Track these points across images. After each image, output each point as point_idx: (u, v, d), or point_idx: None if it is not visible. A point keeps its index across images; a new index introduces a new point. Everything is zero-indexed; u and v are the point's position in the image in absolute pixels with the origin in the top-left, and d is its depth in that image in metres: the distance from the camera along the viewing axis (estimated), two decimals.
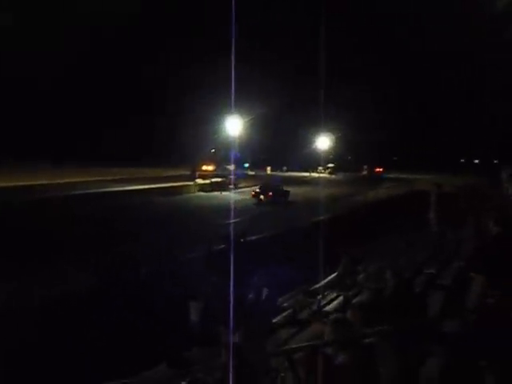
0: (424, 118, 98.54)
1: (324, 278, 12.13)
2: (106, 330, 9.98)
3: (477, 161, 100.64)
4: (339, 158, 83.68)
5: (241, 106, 46.29)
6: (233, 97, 35.84)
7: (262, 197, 37.48)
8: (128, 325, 10.16)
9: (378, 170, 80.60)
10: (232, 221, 19.40)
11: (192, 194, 41.94)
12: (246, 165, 73.11)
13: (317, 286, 11.63)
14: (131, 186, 39.62)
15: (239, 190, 45.95)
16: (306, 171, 73.68)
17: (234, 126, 46.01)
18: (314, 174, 69.93)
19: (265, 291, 9.40)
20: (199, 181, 45.72)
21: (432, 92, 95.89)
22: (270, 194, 37.62)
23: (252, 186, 48.30)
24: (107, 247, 15.81)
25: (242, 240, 14.96)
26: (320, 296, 10.49)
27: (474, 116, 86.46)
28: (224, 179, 47.03)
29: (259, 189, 38.91)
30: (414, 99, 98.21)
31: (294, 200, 38.06)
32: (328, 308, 9.77)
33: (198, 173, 48.23)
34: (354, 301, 9.30)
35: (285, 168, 79.66)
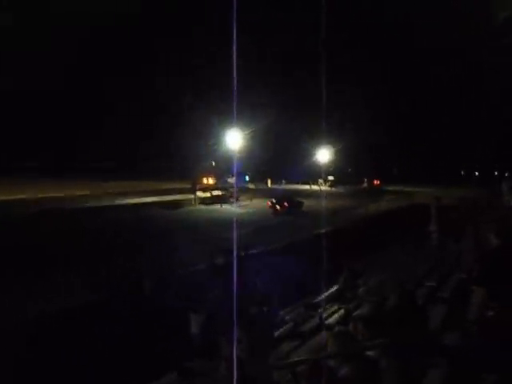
0: (425, 131, 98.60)
1: (325, 291, 12.16)
2: (110, 343, 10.02)
3: (477, 173, 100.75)
4: (339, 171, 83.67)
5: (241, 119, 46.47)
6: (234, 109, 36.16)
7: (278, 207, 39.68)
8: (132, 337, 10.21)
9: (375, 182, 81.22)
10: (234, 234, 19.40)
11: (193, 207, 41.99)
12: (247, 178, 73.23)
13: (318, 298, 11.66)
14: (132, 199, 39.84)
15: (240, 203, 46.00)
16: (307, 184, 73.75)
17: (234, 138, 46.09)
18: (315, 187, 69.96)
19: (267, 303, 9.42)
20: (200, 194, 45.77)
21: (433, 106, 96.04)
22: (286, 204, 39.93)
23: (253, 199, 48.51)
24: (111, 261, 15.86)
25: (243, 254, 14.98)
26: (321, 309, 10.51)
27: (474, 128, 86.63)
28: (225, 192, 47.17)
29: (275, 199, 40.86)
30: (416, 113, 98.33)
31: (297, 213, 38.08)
32: (330, 321, 9.79)
33: (198, 186, 48.22)
34: (355, 314, 9.33)
35: (284, 181, 79.75)
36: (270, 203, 40.82)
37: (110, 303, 12.07)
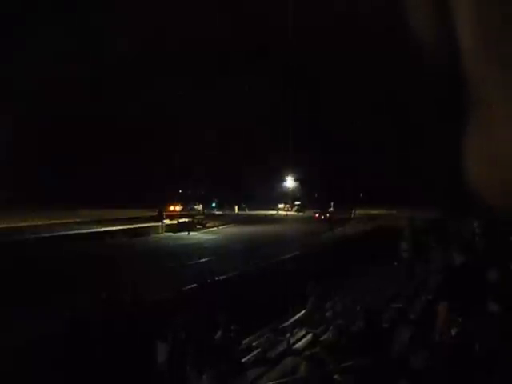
0: (392, 155, 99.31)
1: (293, 316, 12.06)
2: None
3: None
4: (306, 196, 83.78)
5: None
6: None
7: (322, 217, 59.38)
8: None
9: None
10: (200, 261, 19.26)
11: (159, 235, 41.60)
12: (213, 204, 73.08)
13: (286, 323, 11.54)
14: (98, 227, 39.37)
15: (207, 230, 45.79)
16: (273, 209, 73.81)
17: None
18: (282, 212, 70.12)
19: (232, 331, 9.29)
20: (166, 221, 45.49)
21: (399, 130, 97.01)
22: (327, 215, 59.58)
23: (219, 226, 48.42)
24: (70, 291, 15.43)
25: (208, 280, 14.89)
26: (289, 334, 10.39)
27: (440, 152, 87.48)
28: (191, 219, 47.02)
29: (320, 213, 62.07)
30: (382, 135, 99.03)
31: (262, 239, 37.84)
32: (298, 346, 9.69)
33: (165, 213, 47.99)
34: (322, 338, 9.27)
35: (244, 206, 79.34)
36: (317, 215, 61.45)
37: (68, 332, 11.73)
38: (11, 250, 25.56)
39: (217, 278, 15.92)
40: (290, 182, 64.50)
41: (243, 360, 9.12)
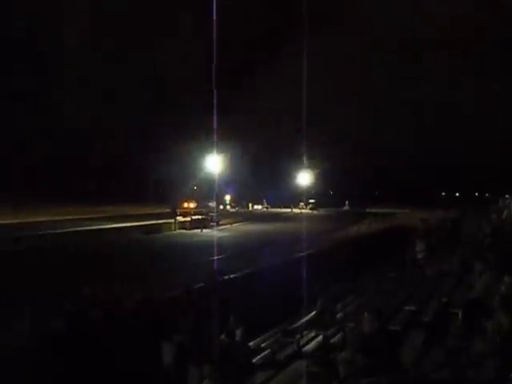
0: (403, 151, 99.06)
1: (303, 317, 11.88)
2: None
3: (457, 194, 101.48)
4: (321, 194, 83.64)
5: (222, 143, 46.59)
6: (215, 133, 36.32)
7: None
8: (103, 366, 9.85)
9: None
10: (213, 258, 19.14)
11: (172, 232, 41.57)
12: (227, 201, 73.49)
13: (295, 325, 11.36)
14: (112, 223, 39.45)
15: (220, 227, 45.67)
16: (288, 207, 73.78)
17: (214, 162, 45.94)
18: (296, 210, 69.94)
19: (239, 332, 9.11)
20: (180, 218, 45.48)
21: (411, 125, 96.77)
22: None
23: (233, 224, 48.38)
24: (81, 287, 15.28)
25: (220, 279, 14.78)
26: (299, 335, 10.21)
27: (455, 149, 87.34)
28: (205, 216, 46.94)
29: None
30: (395, 133, 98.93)
31: (274, 237, 37.60)
32: (307, 348, 9.49)
33: (179, 210, 48.00)
34: (333, 340, 9.08)
35: (265, 204, 80.00)
36: None
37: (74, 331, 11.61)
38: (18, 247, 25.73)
39: (226, 277, 15.83)
40: (303, 180, 64.13)
41: (251, 362, 8.95)
